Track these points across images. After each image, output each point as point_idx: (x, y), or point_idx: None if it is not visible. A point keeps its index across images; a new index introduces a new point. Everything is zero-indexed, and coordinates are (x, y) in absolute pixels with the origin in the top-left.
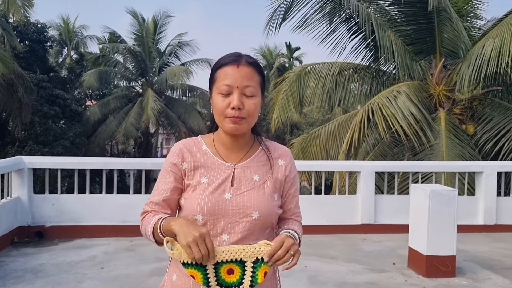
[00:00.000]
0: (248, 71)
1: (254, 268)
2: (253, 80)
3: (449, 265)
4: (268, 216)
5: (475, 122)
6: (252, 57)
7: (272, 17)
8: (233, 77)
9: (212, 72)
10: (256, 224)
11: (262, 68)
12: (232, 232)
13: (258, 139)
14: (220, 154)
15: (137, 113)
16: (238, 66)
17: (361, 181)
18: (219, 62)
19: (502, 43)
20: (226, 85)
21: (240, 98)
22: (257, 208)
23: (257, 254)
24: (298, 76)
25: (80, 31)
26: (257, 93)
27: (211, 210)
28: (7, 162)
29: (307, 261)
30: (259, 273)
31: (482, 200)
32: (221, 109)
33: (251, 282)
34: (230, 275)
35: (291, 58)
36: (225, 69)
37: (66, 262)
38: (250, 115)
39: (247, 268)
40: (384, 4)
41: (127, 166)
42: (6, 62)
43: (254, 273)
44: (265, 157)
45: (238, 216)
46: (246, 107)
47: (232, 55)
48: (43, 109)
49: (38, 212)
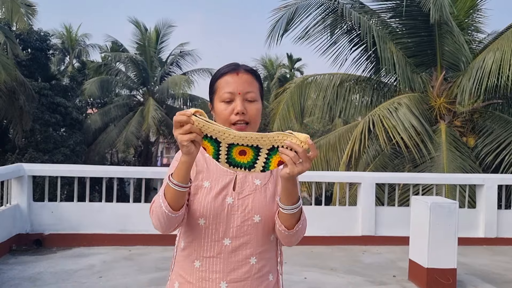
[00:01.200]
0: (247, 77)
1: (269, 155)
2: (253, 86)
3: (450, 278)
4: (269, 218)
5: (475, 135)
6: (249, 66)
7: (274, 28)
8: (234, 84)
9: (212, 82)
10: (258, 228)
11: (259, 75)
12: (234, 236)
13: None
14: None
15: (138, 122)
16: (237, 74)
17: (362, 193)
18: (218, 72)
19: (502, 57)
20: (228, 93)
21: (242, 103)
22: (258, 211)
23: (274, 143)
24: (299, 86)
25: (83, 39)
26: (258, 99)
27: (213, 215)
28: (7, 169)
29: (306, 272)
30: (273, 160)
31: (483, 213)
32: (226, 116)
33: (263, 168)
34: (241, 156)
35: (292, 69)
36: (225, 78)
37: (64, 270)
38: (253, 119)
39: (261, 153)
40: (386, 17)
41: (127, 175)
42: (9, 69)
43: (267, 159)
44: None
45: (240, 220)
46: (249, 112)
47: (231, 65)
48: (44, 116)
49: (37, 219)
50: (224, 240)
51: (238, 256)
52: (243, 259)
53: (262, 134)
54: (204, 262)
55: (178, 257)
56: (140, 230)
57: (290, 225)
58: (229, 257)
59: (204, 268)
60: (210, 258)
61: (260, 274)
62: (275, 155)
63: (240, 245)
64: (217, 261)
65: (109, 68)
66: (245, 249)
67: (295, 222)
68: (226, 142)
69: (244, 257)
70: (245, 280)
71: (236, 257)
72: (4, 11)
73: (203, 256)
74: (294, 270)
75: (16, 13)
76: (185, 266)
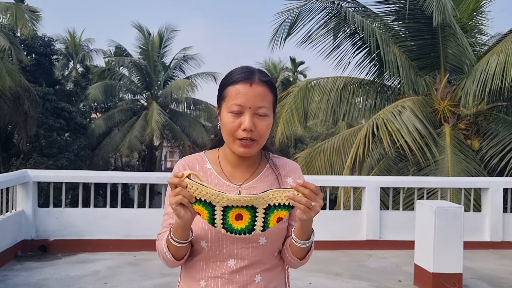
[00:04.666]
0: (261, 90)
1: (266, 214)
2: (266, 100)
3: (456, 283)
4: (275, 241)
5: (480, 138)
6: (265, 74)
7: (277, 31)
8: (246, 96)
9: (222, 87)
10: (264, 250)
11: (275, 86)
12: (239, 258)
13: (266, 155)
14: (225, 173)
15: (142, 126)
16: (251, 85)
17: (366, 197)
18: (230, 78)
19: (506, 59)
20: (237, 105)
21: (252, 119)
22: (264, 234)
23: (270, 201)
24: (303, 90)
25: (86, 44)
26: (270, 113)
27: (214, 238)
28: (12, 175)
29: (311, 277)
30: (271, 219)
31: (488, 217)
32: (231, 130)
33: (262, 227)
34: (238, 221)
35: (295, 72)
36: (237, 87)
37: (70, 276)
38: (262, 136)
39: (258, 213)
40: (389, 20)
41: (132, 180)
42: (13, 75)
43: (266, 219)
44: (273, 176)
45: (244, 242)
46: (258, 128)
47: (245, 71)
48: (48, 121)
49: (42, 225)
50: (229, 261)
51: (243, 276)
52: (248, 278)
53: (257, 196)
54: (209, 282)
55: (184, 273)
56: (145, 235)
57: (301, 256)
58: (234, 277)
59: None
60: (215, 278)
61: None
62: (272, 213)
63: (245, 266)
64: (222, 281)
65: (112, 73)
66: (250, 269)
67: (306, 253)
68: (221, 205)
69: (249, 276)
70: None
71: (241, 277)
72: (9, 17)
73: (208, 276)
74: (299, 275)
75: (21, 19)
76: (191, 285)
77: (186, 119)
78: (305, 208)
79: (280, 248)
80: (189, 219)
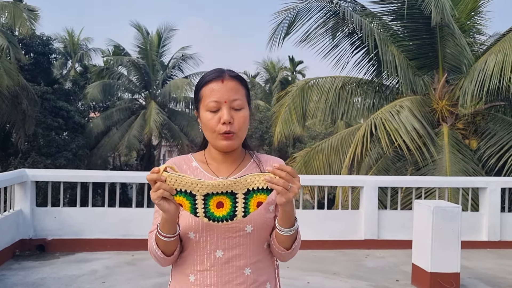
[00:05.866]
0: (233, 84)
1: (246, 199)
2: (239, 93)
3: (453, 283)
4: (262, 229)
5: (478, 137)
6: (234, 71)
7: (276, 31)
8: (220, 92)
9: (197, 90)
10: (251, 239)
11: (245, 80)
12: (226, 248)
13: (250, 153)
14: (212, 169)
15: (140, 126)
16: (222, 81)
17: (364, 196)
18: (202, 80)
19: (504, 59)
20: (214, 101)
21: (229, 112)
22: (250, 221)
23: (248, 185)
24: (301, 90)
25: (85, 43)
26: (245, 105)
27: (202, 227)
28: (10, 175)
29: (309, 277)
30: (251, 203)
31: (486, 216)
32: (212, 126)
33: (243, 213)
34: (219, 209)
35: (294, 71)
36: (210, 86)
37: (68, 276)
38: (240, 128)
39: (238, 199)
40: (387, 20)
41: (130, 180)
42: (11, 74)
43: (246, 204)
44: (256, 170)
45: (231, 231)
46: (236, 120)
47: (215, 71)
48: (46, 120)
49: (40, 225)
50: (217, 252)
51: (232, 268)
52: (237, 270)
53: (235, 180)
54: (198, 276)
55: (174, 270)
56: (143, 235)
57: (288, 245)
58: (222, 269)
59: (199, 282)
60: (204, 271)
61: (256, 285)
62: (252, 198)
63: (233, 256)
64: (211, 274)
65: (111, 72)
66: (239, 260)
67: (292, 242)
68: (201, 194)
69: (238, 268)
70: None
71: (230, 269)
72: (7, 16)
73: (197, 270)
74: (297, 275)
75: (19, 18)
76: (181, 281)
77: (184, 119)
78: (282, 189)
79: (268, 241)
80: (174, 212)
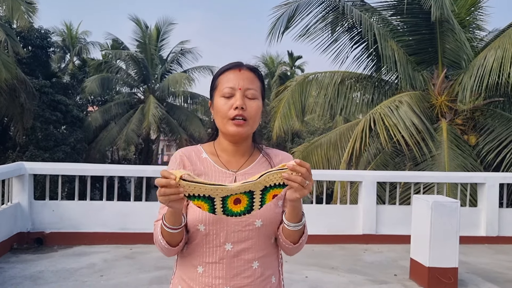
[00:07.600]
0: (249, 75)
1: (263, 194)
2: (254, 84)
3: (451, 277)
4: (271, 224)
5: (477, 133)
6: (252, 65)
7: (275, 25)
8: (236, 79)
9: (214, 78)
10: (260, 233)
11: (262, 75)
12: (235, 241)
13: (259, 147)
14: (222, 161)
15: (138, 120)
16: (240, 70)
17: (363, 191)
18: (221, 69)
19: (504, 54)
20: (229, 87)
21: (242, 98)
22: (259, 216)
23: (266, 183)
24: (300, 84)
25: (83, 37)
26: (259, 97)
27: (212, 221)
28: (8, 167)
29: (307, 271)
30: (267, 197)
31: (484, 212)
32: (225, 111)
33: (260, 206)
34: (237, 205)
35: (293, 66)
36: (227, 74)
37: (66, 269)
38: (252, 117)
39: (255, 196)
40: (387, 14)
41: (128, 173)
42: (9, 67)
43: (262, 198)
44: (266, 164)
45: (241, 225)
46: (248, 108)
47: (234, 62)
48: (44, 114)
49: (38, 218)
50: (226, 245)
51: (241, 261)
52: (246, 263)
53: (254, 182)
54: (206, 268)
55: (180, 260)
56: (141, 229)
57: (295, 240)
58: (231, 262)
59: (207, 274)
60: (213, 263)
61: (263, 278)
62: (268, 193)
63: (242, 250)
64: (219, 266)
65: (109, 66)
66: (247, 254)
67: (299, 236)
68: (220, 196)
69: (247, 262)
70: (249, 285)
71: (239, 262)
72: (5, 8)
73: (206, 262)
74: (295, 269)
75: (17, 10)
76: (188, 271)
77: (183, 113)
78: (298, 186)
79: (275, 234)
80: (180, 208)
